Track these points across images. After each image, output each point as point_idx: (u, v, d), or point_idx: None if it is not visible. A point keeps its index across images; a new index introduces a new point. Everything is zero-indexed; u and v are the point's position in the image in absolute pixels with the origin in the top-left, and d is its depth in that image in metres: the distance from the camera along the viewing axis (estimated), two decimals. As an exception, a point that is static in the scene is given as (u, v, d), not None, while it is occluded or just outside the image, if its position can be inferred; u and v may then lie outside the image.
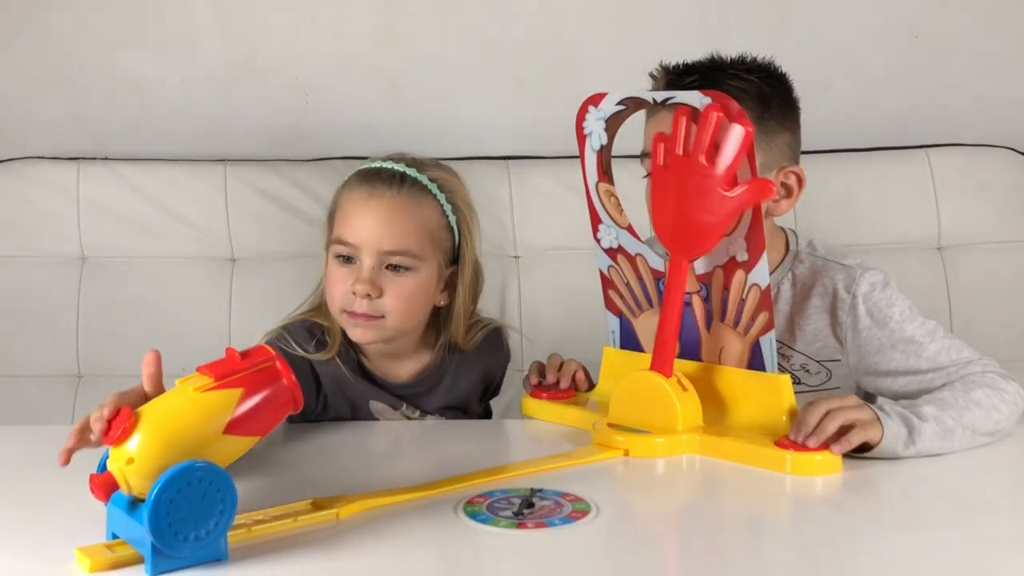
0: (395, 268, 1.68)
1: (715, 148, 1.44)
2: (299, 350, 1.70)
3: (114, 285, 2.32)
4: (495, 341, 1.88)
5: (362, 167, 1.74)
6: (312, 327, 1.74)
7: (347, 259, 1.69)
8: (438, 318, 1.79)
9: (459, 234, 1.74)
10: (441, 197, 1.72)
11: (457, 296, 1.76)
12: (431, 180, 1.72)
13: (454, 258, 1.76)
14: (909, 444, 1.42)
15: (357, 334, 1.70)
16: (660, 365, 1.52)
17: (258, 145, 2.46)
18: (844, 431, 1.39)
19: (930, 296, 2.29)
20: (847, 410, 1.40)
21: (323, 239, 1.76)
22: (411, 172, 1.71)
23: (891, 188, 2.41)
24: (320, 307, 1.77)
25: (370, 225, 1.68)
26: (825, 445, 1.38)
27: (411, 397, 1.79)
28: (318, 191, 2.28)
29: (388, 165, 1.72)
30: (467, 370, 1.83)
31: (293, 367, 1.61)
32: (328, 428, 1.67)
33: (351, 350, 1.76)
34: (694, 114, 1.45)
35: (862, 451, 1.41)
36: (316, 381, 1.72)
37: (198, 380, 1.12)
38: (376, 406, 1.77)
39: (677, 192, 1.50)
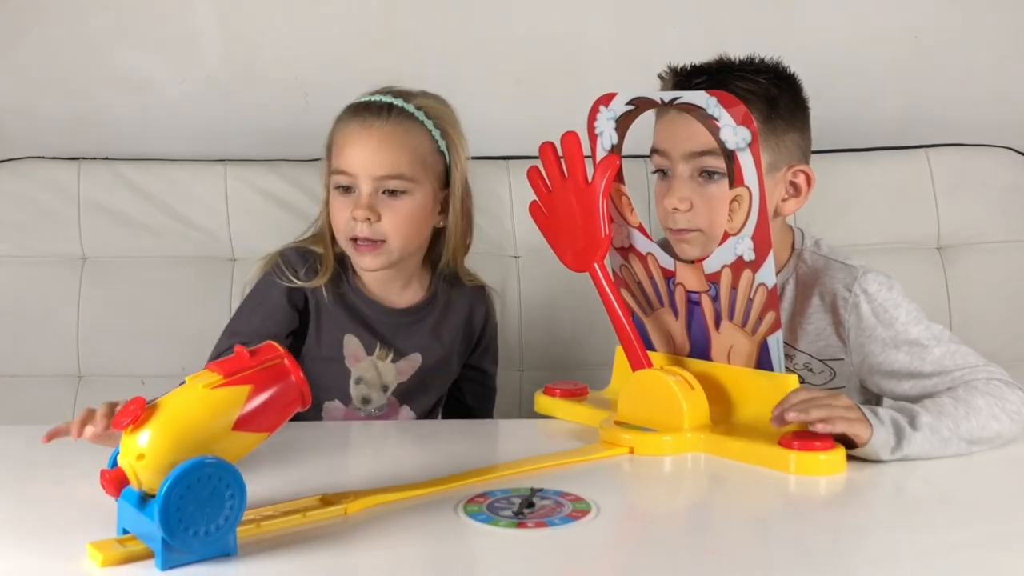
0: (391, 193, 1.77)
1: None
2: (293, 279, 1.80)
3: (114, 285, 2.32)
4: (482, 292, 1.97)
5: (352, 102, 1.84)
6: (306, 253, 1.85)
7: (346, 189, 1.79)
8: (437, 245, 1.89)
9: (450, 158, 1.84)
10: (429, 123, 1.82)
11: (450, 214, 1.85)
12: (418, 108, 1.82)
13: (447, 182, 1.85)
14: (896, 451, 1.42)
15: (365, 262, 1.80)
16: (636, 363, 1.58)
17: (258, 145, 2.46)
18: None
19: (930, 296, 2.29)
20: (835, 406, 1.40)
21: (322, 175, 1.87)
22: (398, 102, 1.81)
23: (891, 188, 2.42)
24: (317, 236, 1.88)
25: (364, 154, 1.78)
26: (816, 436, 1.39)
27: (395, 331, 1.84)
28: (318, 191, 2.27)
29: (376, 98, 1.82)
30: (454, 308, 1.92)
31: (274, 324, 1.76)
32: (335, 427, 1.68)
33: (346, 276, 1.85)
34: (701, 115, 1.46)
35: (848, 446, 1.42)
36: (298, 312, 1.81)
37: (207, 377, 1.12)
38: (350, 342, 1.82)
39: (566, 211, 1.63)
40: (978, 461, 1.47)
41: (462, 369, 1.99)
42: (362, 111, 1.81)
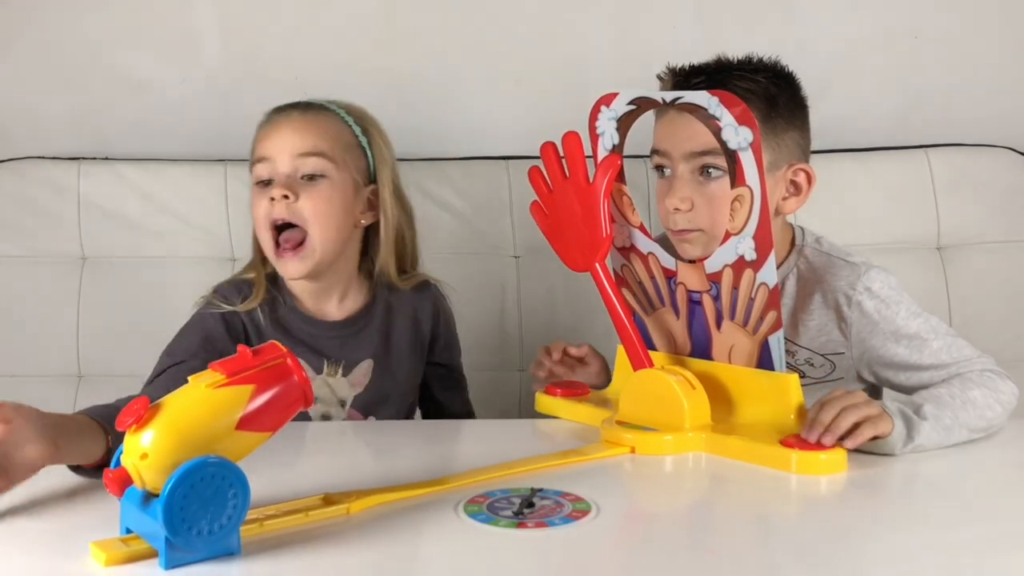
0: (311, 178, 1.76)
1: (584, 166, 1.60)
2: (226, 307, 1.79)
3: (114, 285, 2.32)
4: (423, 290, 1.95)
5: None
6: (240, 284, 1.83)
7: (267, 183, 1.77)
8: (371, 251, 1.88)
9: (372, 155, 1.85)
10: (349, 119, 1.83)
11: (381, 216, 1.85)
12: (339, 107, 1.84)
13: (371, 180, 1.85)
14: (907, 442, 1.44)
15: (289, 269, 1.78)
16: (637, 363, 1.58)
17: (258, 145, 2.46)
18: (855, 426, 1.40)
19: (930, 296, 2.29)
20: (859, 407, 1.42)
21: (250, 192, 1.85)
22: (317, 101, 1.85)
23: (891, 188, 2.42)
24: (250, 263, 1.87)
25: (282, 135, 1.79)
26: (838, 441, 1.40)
27: (339, 344, 1.83)
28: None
29: (295, 101, 1.86)
30: (397, 312, 1.90)
31: (214, 347, 1.73)
32: (337, 427, 1.68)
33: (282, 296, 1.83)
34: (703, 115, 1.46)
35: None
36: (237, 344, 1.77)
37: (210, 377, 1.11)
38: None
39: (567, 211, 1.62)
40: (979, 460, 1.48)
41: (428, 367, 1.98)
42: (281, 108, 1.85)
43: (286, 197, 1.74)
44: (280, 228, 1.77)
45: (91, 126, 2.46)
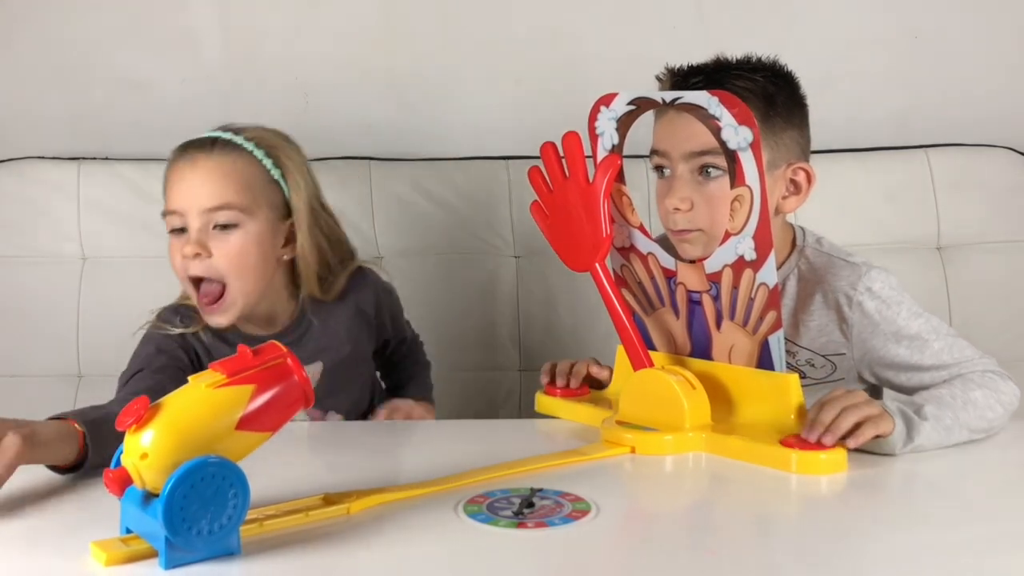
0: (223, 228, 1.72)
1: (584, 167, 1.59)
2: (172, 329, 1.77)
3: (114, 285, 2.32)
4: (358, 279, 1.91)
5: (182, 142, 1.79)
6: (179, 308, 1.81)
7: (181, 230, 1.73)
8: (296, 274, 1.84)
9: (287, 188, 1.78)
10: (259, 153, 1.76)
11: (298, 248, 1.80)
12: (247, 139, 1.77)
13: (289, 212, 1.80)
14: (907, 442, 1.44)
15: (215, 321, 1.75)
16: (637, 363, 1.58)
17: (258, 145, 2.46)
18: (856, 426, 1.40)
19: (930, 296, 2.30)
20: (860, 407, 1.41)
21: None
22: (225, 135, 1.77)
23: (891, 188, 2.42)
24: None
25: (190, 189, 1.72)
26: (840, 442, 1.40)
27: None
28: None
29: (205, 134, 1.78)
30: (336, 312, 1.86)
31: (168, 355, 1.72)
32: (337, 427, 1.67)
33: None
34: (703, 115, 1.46)
35: None
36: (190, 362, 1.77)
37: (211, 376, 1.11)
38: None
39: (567, 211, 1.62)
40: (979, 460, 1.48)
41: (381, 344, 1.99)
42: (188, 148, 1.77)
43: (198, 255, 1.70)
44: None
45: (91, 126, 2.47)
